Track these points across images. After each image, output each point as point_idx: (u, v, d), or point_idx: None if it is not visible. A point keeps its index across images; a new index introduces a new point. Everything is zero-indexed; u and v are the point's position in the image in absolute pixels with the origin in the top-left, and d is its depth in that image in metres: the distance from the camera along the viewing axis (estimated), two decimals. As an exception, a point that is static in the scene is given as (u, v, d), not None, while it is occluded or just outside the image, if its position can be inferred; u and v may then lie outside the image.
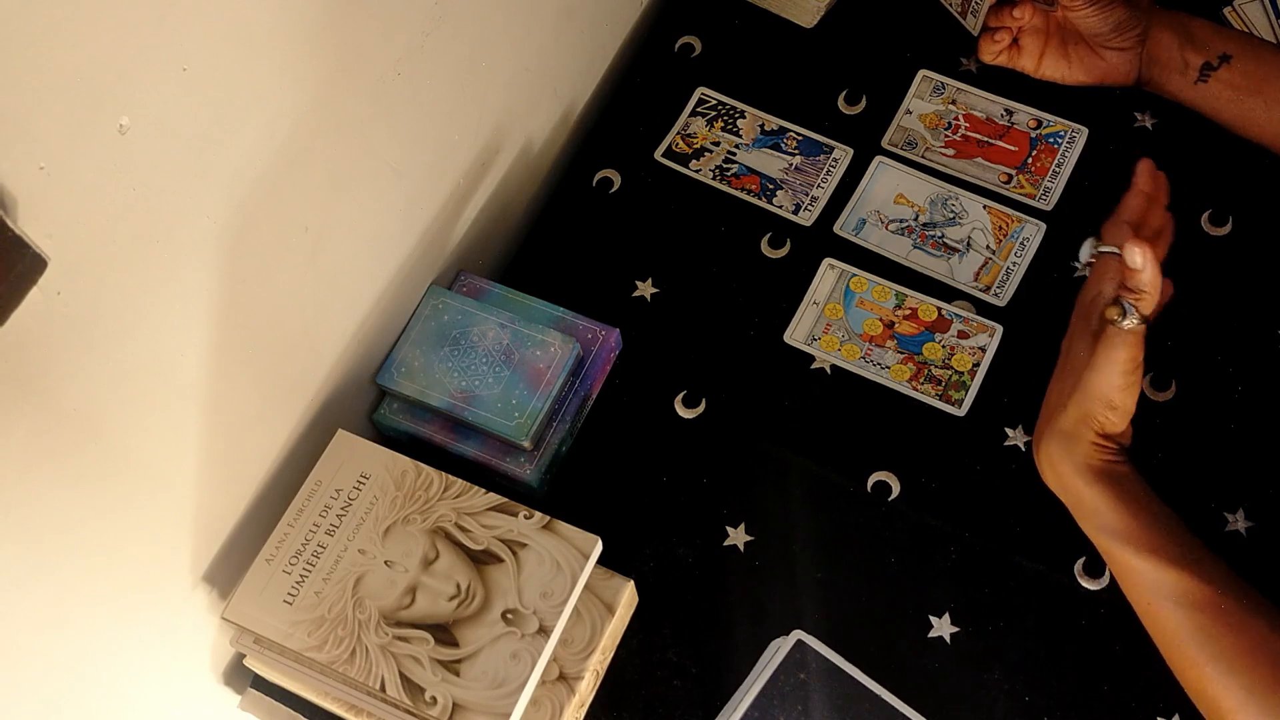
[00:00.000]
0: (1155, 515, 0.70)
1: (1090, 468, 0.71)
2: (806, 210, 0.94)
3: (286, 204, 0.70)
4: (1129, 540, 0.69)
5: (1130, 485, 0.71)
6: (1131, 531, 0.69)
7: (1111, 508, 0.70)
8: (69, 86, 0.51)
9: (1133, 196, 0.79)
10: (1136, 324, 0.69)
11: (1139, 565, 0.68)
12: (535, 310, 0.87)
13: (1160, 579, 0.67)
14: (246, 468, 0.76)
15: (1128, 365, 0.70)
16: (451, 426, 0.85)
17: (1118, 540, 0.69)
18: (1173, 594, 0.67)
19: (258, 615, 0.73)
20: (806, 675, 0.76)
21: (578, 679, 0.75)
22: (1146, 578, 0.68)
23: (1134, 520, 0.69)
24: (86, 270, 0.56)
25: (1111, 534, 0.70)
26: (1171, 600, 0.67)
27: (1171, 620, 0.67)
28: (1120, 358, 0.70)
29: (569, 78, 0.99)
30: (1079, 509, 0.72)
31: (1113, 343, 0.70)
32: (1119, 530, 0.69)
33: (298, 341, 0.77)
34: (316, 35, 0.67)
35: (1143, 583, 0.68)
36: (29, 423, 0.56)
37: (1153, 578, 0.68)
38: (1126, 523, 0.69)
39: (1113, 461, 0.71)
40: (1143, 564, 0.68)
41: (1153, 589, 0.68)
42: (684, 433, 0.87)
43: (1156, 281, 0.69)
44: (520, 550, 0.74)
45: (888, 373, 0.87)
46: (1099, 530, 0.71)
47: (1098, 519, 0.71)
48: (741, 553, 0.82)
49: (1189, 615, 0.66)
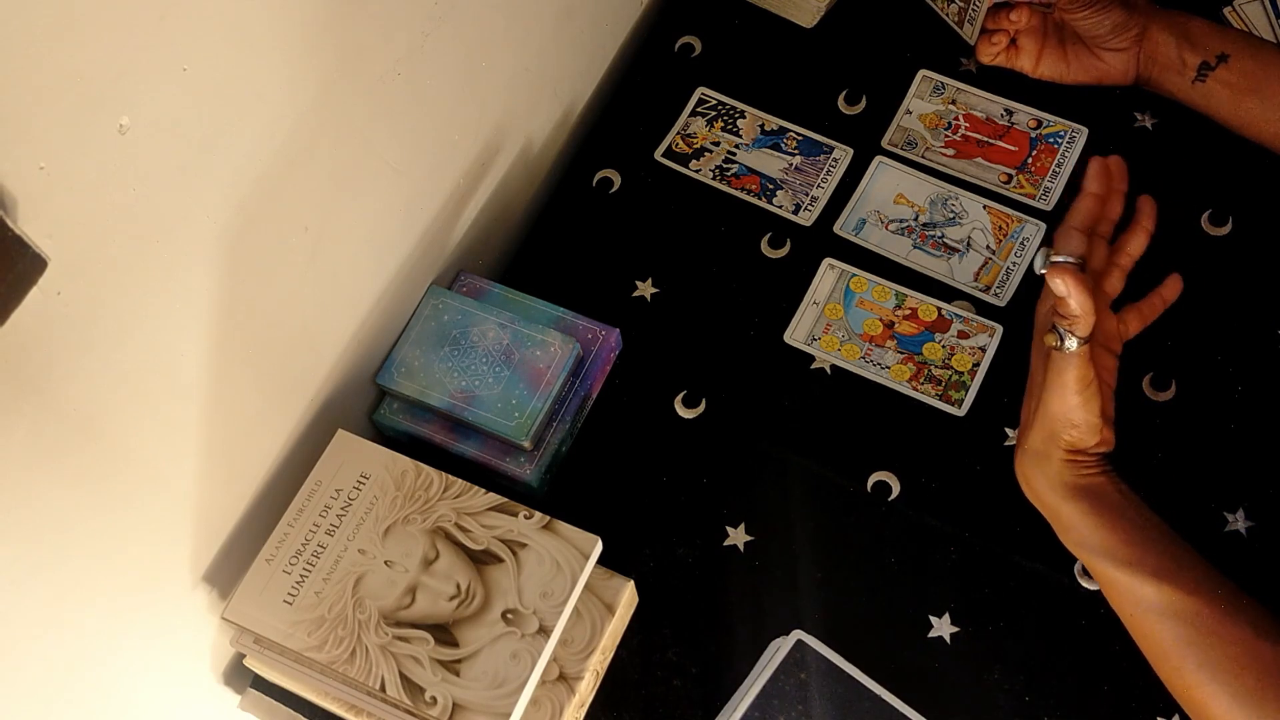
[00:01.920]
0: (1135, 526, 0.70)
1: (1064, 485, 0.71)
2: (806, 210, 0.94)
3: (286, 204, 0.70)
4: (1108, 555, 0.69)
5: (1108, 498, 0.71)
6: (1110, 546, 0.69)
7: (1088, 523, 0.70)
8: (69, 86, 0.51)
9: (1082, 199, 0.79)
10: (1076, 346, 0.69)
11: (1120, 579, 0.69)
12: (535, 310, 0.87)
13: (1142, 592, 0.68)
14: (246, 468, 0.76)
15: (1078, 384, 0.70)
16: (451, 426, 0.85)
17: (1097, 555, 0.70)
18: (1155, 606, 0.67)
19: (258, 615, 0.73)
20: (806, 675, 0.76)
21: (578, 679, 0.75)
22: (1128, 591, 0.68)
23: (1112, 534, 0.69)
24: (86, 270, 0.56)
25: (1091, 549, 0.70)
26: (1154, 612, 0.67)
27: (1155, 631, 0.67)
28: (1069, 379, 0.70)
29: (569, 78, 0.99)
30: (1057, 525, 0.73)
31: (1058, 366, 0.70)
32: (1097, 545, 0.70)
33: (298, 341, 0.77)
34: (316, 35, 0.67)
35: (1125, 596, 0.69)
36: (29, 423, 0.56)
37: (1135, 591, 0.68)
38: (1104, 537, 0.69)
39: (1089, 474, 0.71)
40: (1124, 577, 0.68)
41: (1135, 602, 0.68)
42: (684, 433, 0.87)
43: (1087, 304, 0.68)
44: (520, 550, 0.74)
45: (888, 373, 0.87)
46: (1078, 545, 0.71)
47: (1076, 534, 0.71)
48: (741, 553, 0.82)
49: (1172, 626, 0.66)
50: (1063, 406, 0.71)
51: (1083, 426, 0.71)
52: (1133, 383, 0.84)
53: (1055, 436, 0.72)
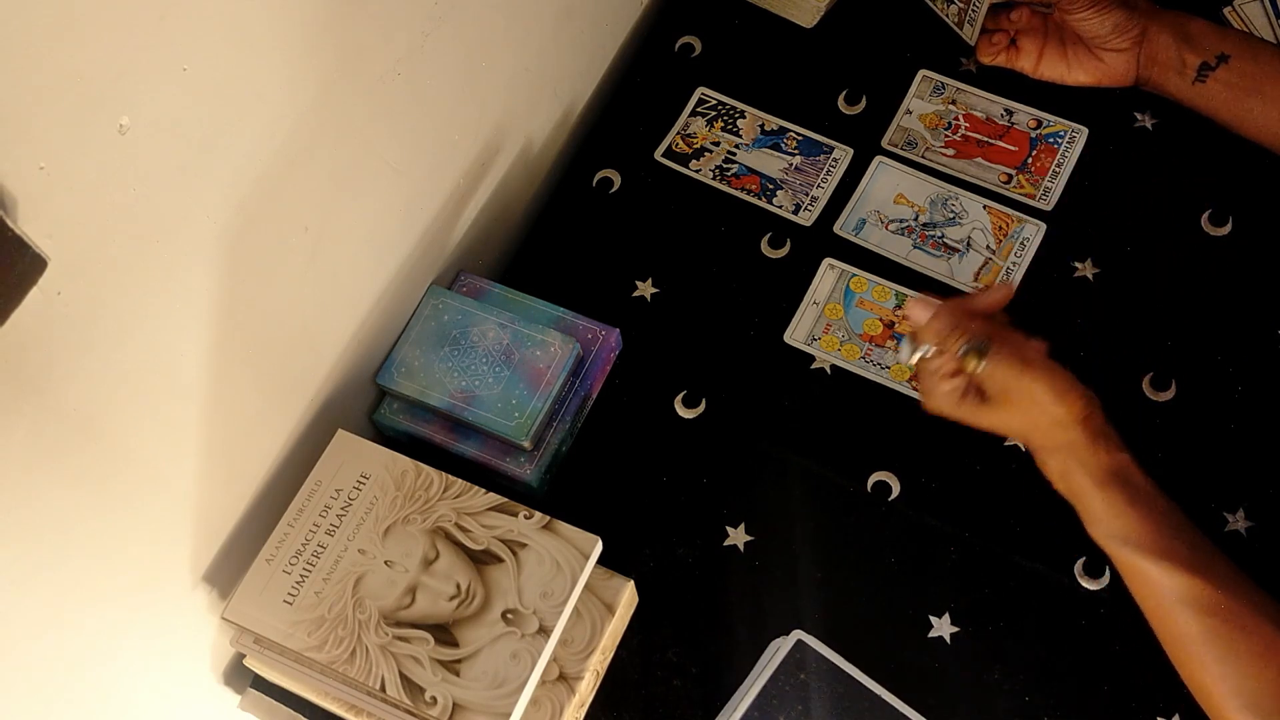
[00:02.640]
0: (1163, 516, 0.69)
1: (1090, 471, 0.70)
2: (806, 210, 0.94)
3: (286, 204, 0.70)
4: (1138, 545, 0.68)
5: (1135, 485, 0.70)
6: (1140, 536, 0.68)
7: (1115, 512, 0.69)
8: (69, 86, 0.51)
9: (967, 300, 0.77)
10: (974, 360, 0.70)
11: (1150, 569, 0.68)
12: (535, 310, 0.87)
13: (1171, 583, 0.67)
14: (246, 468, 0.76)
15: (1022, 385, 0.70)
16: (451, 426, 0.85)
17: (1128, 545, 0.69)
18: (1184, 597, 0.66)
19: (258, 615, 0.73)
20: (806, 675, 0.76)
21: (578, 679, 0.75)
22: (1157, 581, 0.67)
23: (1141, 524, 0.68)
24: (86, 270, 0.56)
25: (1121, 539, 0.69)
26: (1182, 603, 0.66)
27: (1181, 622, 0.67)
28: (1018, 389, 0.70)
29: (569, 78, 0.99)
30: (1086, 516, 0.71)
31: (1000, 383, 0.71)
32: (1128, 535, 0.69)
33: (298, 341, 0.77)
34: (316, 35, 0.67)
35: (1153, 586, 0.68)
36: (29, 423, 0.56)
37: (1164, 581, 0.67)
38: (1133, 527, 0.68)
39: (1113, 450, 0.70)
40: (1153, 568, 0.67)
41: (1163, 592, 0.67)
42: (684, 433, 0.87)
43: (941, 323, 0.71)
44: (520, 550, 0.74)
45: (888, 373, 0.87)
46: (1108, 537, 0.70)
47: (1105, 525, 0.70)
48: (741, 553, 0.82)
49: (1199, 618, 0.66)
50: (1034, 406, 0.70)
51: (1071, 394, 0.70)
52: (1133, 383, 0.84)
53: (1054, 428, 0.71)
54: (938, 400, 0.74)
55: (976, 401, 0.73)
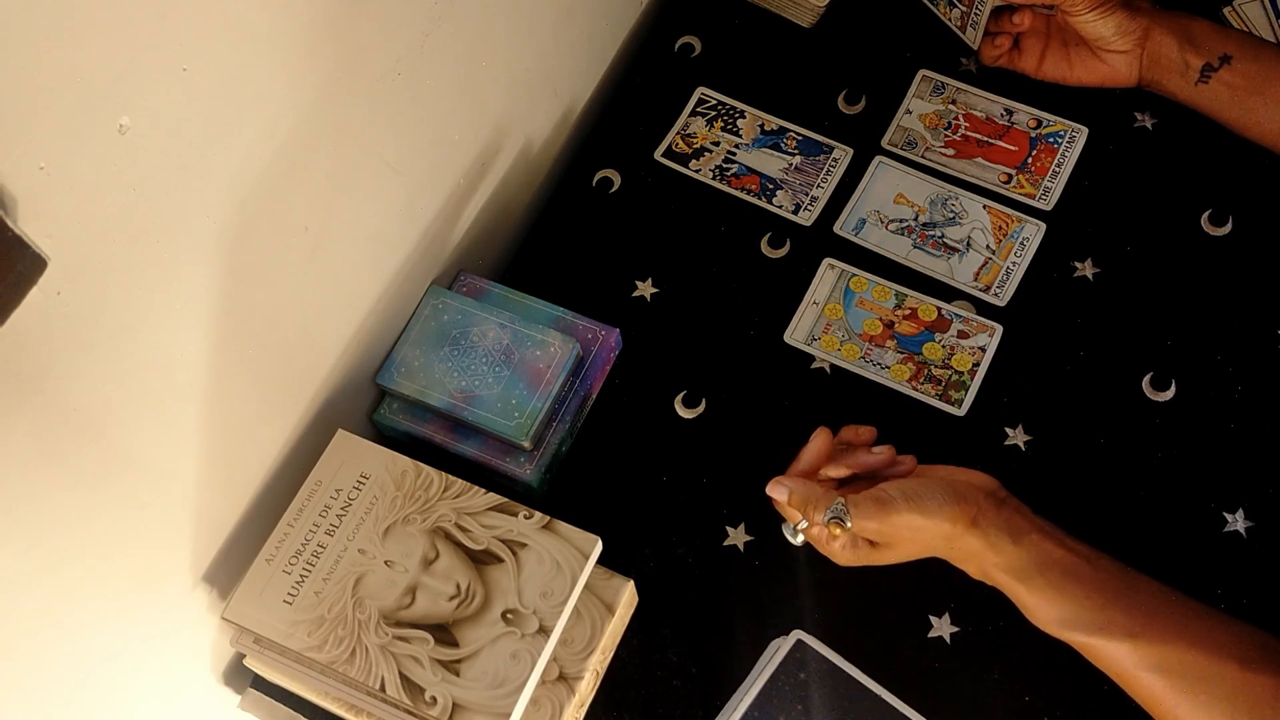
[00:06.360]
0: (1094, 587, 0.67)
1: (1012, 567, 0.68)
2: (806, 210, 0.94)
3: (286, 204, 0.70)
4: (1078, 625, 0.66)
5: (1057, 562, 0.67)
6: (1076, 616, 0.66)
7: (1047, 599, 0.67)
8: (69, 86, 0.51)
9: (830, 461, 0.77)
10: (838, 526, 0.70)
11: (1095, 644, 0.66)
12: (535, 310, 0.87)
13: (1119, 653, 0.65)
14: (246, 468, 0.76)
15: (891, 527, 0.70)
16: (451, 426, 0.85)
17: (1067, 628, 0.67)
18: (1138, 664, 0.65)
19: (258, 615, 0.73)
20: (806, 675, 0.76)
21: (578, 679, 0.75)
22: (1106, 655, 0.66)
23: (1072, 603, 0.66)
24: (86, 270, 0.56)
25: (1060, 624, 0.67)
26: (1139, 669, 0.65)
27: (1143, 687, 0.65)
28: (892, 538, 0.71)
29: (569, 78, 0.99)
30: (1020, 607, 0.69)
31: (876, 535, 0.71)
32: (1065, 619, 0.67)
33: (298, 341, 0.77)
34: (316, 35, 0.67)
35: (1105, 660, 0.66)
36: (29, 423, 0.56)
37: (1113, 653, 0.66)
38: (1067, 609, 0.66)
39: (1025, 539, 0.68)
40: (1098, 643, 0.66)
41: (1116, 662, 0.66)
42: (684, 433, 0.87)
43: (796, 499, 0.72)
44: (520, 550, 0.74)
45: (888, 373, 0.87)
46: (1046, 624, 0.68)
47: (1040, 614, 0.68)
48: (741, 553, 0.82)
49: (1159, 679, 0.64)
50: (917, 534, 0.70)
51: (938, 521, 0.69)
52: (1133, 383, 0.84)
53: (946, 543, 0.70)
54: (840, 559, 0.74)
55: (869, 548, 0.73)
